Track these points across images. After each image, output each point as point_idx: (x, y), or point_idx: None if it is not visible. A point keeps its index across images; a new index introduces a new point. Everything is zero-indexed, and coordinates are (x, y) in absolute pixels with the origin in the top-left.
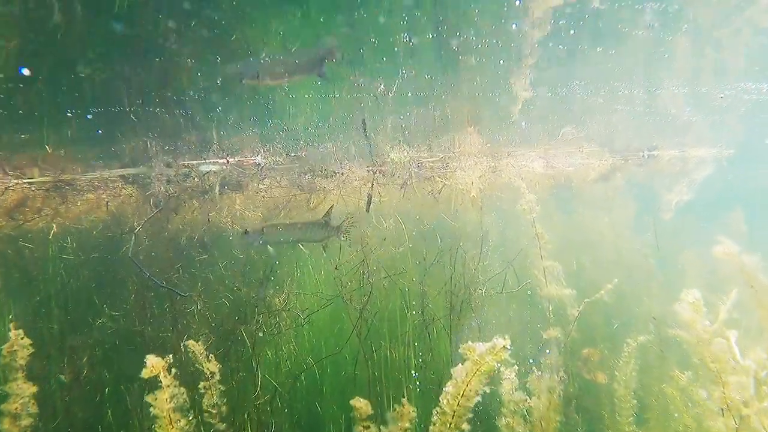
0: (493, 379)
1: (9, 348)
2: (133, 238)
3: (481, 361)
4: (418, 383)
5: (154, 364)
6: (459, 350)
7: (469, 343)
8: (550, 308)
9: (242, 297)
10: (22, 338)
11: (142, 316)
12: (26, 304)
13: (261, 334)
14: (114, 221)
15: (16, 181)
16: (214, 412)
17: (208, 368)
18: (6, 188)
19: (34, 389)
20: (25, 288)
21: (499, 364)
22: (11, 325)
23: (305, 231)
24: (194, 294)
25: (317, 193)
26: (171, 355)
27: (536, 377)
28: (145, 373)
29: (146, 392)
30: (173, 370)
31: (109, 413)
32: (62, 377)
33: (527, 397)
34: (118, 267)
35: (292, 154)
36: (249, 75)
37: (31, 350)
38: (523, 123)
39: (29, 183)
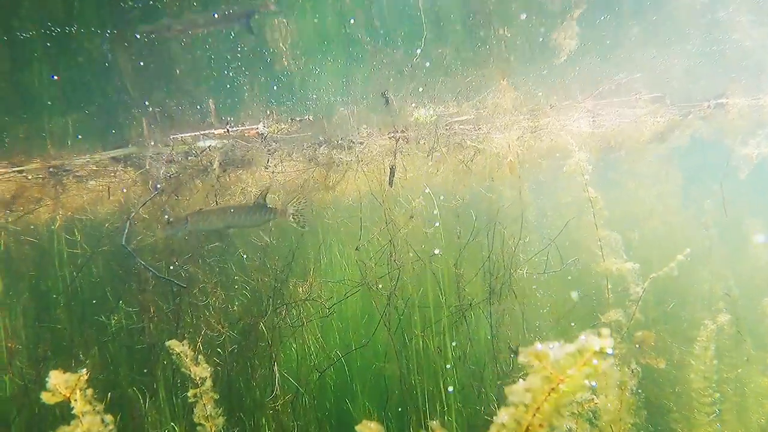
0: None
1: None
2: (128, 224)
3: (558, 375)
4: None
5: (58, 384)
6: (520, 357)
7: (537, 345)
8: (608, 286)
9: (261, 287)
10: None
11: (152, 311)
12: (29, 300)
13: (283, 327)
14: (121, 210)
15: (3, 170)
16: (207, 424)
17: (196, 373)
18: None
19: None
20: (28, 283)
21: (594, 383)
22: None
23: (238, 216)
24: (209, 285)
25: (336, 168)
26: (85, 370)
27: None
28: (47, 398)
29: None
30: (90, 391)
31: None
32: None
33: (593, 396)
34: (127, 260)
35: (298, 119)
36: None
37: None
38: (574, 69)
39: (19, 171)
